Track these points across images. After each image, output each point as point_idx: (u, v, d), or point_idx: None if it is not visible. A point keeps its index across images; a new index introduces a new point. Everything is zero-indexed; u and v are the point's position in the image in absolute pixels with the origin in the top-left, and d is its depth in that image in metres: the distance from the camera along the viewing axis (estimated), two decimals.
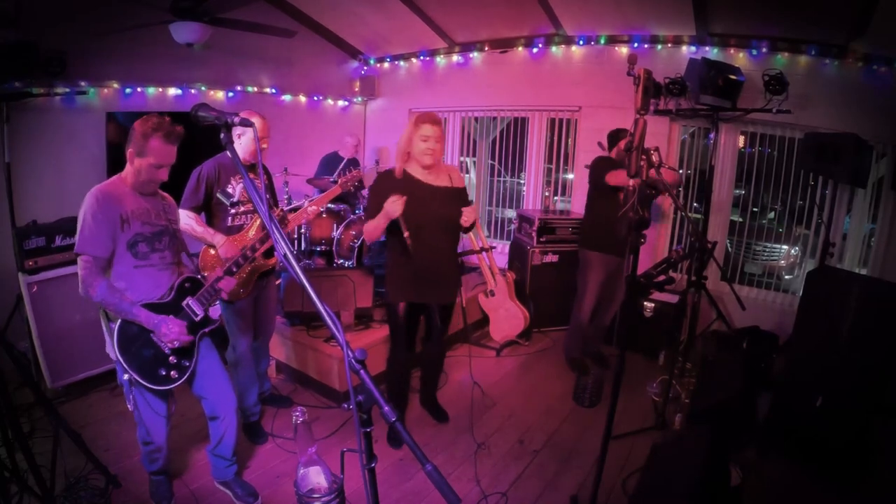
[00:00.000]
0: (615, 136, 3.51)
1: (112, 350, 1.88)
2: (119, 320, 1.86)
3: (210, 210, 2.54)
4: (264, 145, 2.60)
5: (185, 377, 1.99)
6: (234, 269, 2.22)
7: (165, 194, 2.12)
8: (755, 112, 3.87)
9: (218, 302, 2.59)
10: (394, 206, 2.39)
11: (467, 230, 2.69)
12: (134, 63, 3.96)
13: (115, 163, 3.69)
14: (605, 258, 3.45)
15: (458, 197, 2.63)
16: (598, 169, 3.43)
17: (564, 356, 3.78)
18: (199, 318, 2.03)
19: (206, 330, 2.09)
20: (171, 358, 1.94)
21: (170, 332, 1.89)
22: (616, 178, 3.28)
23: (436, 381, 3.11)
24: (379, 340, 3.38)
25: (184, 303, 2.00)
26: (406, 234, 2.43)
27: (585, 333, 3.66)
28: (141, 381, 1.88)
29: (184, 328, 1.94)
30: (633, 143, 1.92)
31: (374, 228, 2.53)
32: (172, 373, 1.94)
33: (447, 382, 3.47)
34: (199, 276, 2.11)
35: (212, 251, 2.47)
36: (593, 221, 3.61)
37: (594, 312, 3.64)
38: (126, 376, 1.89)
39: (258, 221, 2.55)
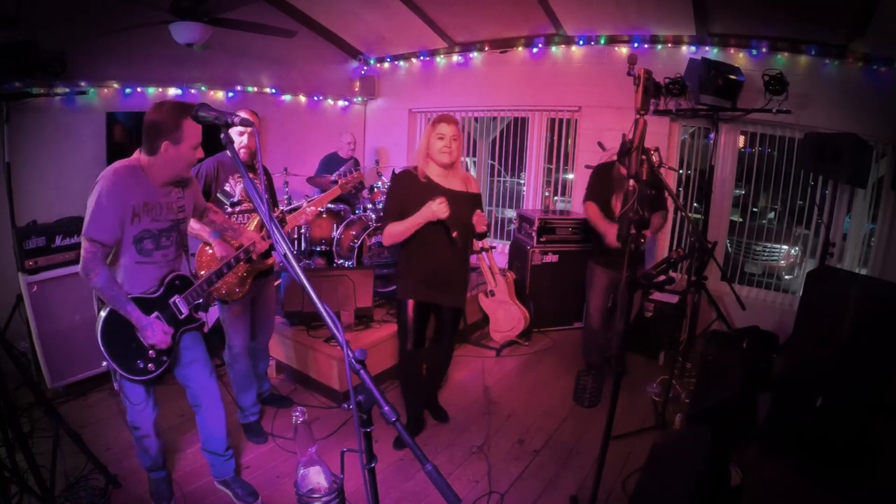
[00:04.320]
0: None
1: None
2: (107, 310, 1.88)
3: None
4: (244, 140, 2.53)
5: (161, 371, 2.01)
6: (226, 271, 2.22)
7: (191, 176, 2.09)
8: (755, 112, 3.87)
9: (216, 301, 2.59)
10: (440, 207, 2.38)
11: (482, 236, 2.69)
12: (134, 63, 3.97)
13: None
14: (608, 273, 3.40)
15: (474, 202, 2.64)
16: (588, 186, 3.44)
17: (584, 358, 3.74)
18: (182, 316, 2.05)
19: (189, 327, 2.10)
20: (150, 352, 1.96)
21: (153, 336, 1.92)
22: (590, 211, 3.34)
23: (439, 382, 3.11)
24: (379, 340, 3.38)
25: (171, 300, 2.01)
26: (454, 233, 2.48)
27: (599, 338, 3.62)
28: (119, 370, 1.91)
29: (167, 334, 1.96)
30: (634, 144, 1.92)
31: (405, 230, 2.48)
32: (150, 366, 1.97)
33: (447, 382, 3.47)
34: (189, 275, 2.11)
35: (209, 250, 2.47)
36: (594, 232, 3.59)
37: (608, 318, 3.59)
38: (104, 364, 1.93)
39: (256, 221, 2.55)
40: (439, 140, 2.51)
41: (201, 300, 2.11)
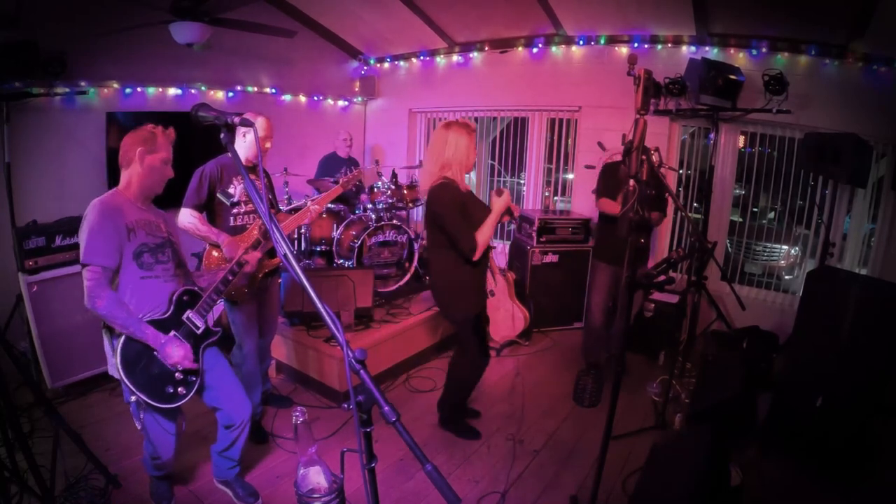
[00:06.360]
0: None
1: (115, 370, 1.84)
2: (121, 340, 1.82)
3: (212, 210, 2.54)
4: (267, 144, 2.61)
5: (193, 392, 1.97)
6: (231, 278, 2.17)
7: (158, 210, 2.10)
8: (755, 112, 3.87)
9: (223, 302, 2.59)
10: (507, 196, 2.51)
11: None
12: (134, 63, 3.97)
13: (115, 163, 3.67)
14: (611, 269, 3.44)
15: None
16: (599, 183, 3.49)
17: (583, 358, 3.75)
18: (200, 330, 2.01)
19: (211, 341, 2.06)
20: (176, 374, 1.91)
21: (174, 354, 1.86)
22: (605, 206, 3.39)
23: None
24: (379, 340, 3.38)
25: (184, 316, 1.97)
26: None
27: (599, 337, 3.62)
28: (149, 401, 1.85)
29: (188, 352, 1.91)
30: (634, 144, 1.92)
31: (491, 234, 2.51)
32: (180, 389, 1.92)
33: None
34: (196, 288, 2.08)
35: (215, 253, 2.47)
36: (598, 231, 3.63)
37: (609, 317, 3.61)
38: (133, 398, 1.85)
39: (261, 221, 2.55)
40: (475, 148, 2.53)
41: (213, 310, 2.08)
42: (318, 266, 4.28)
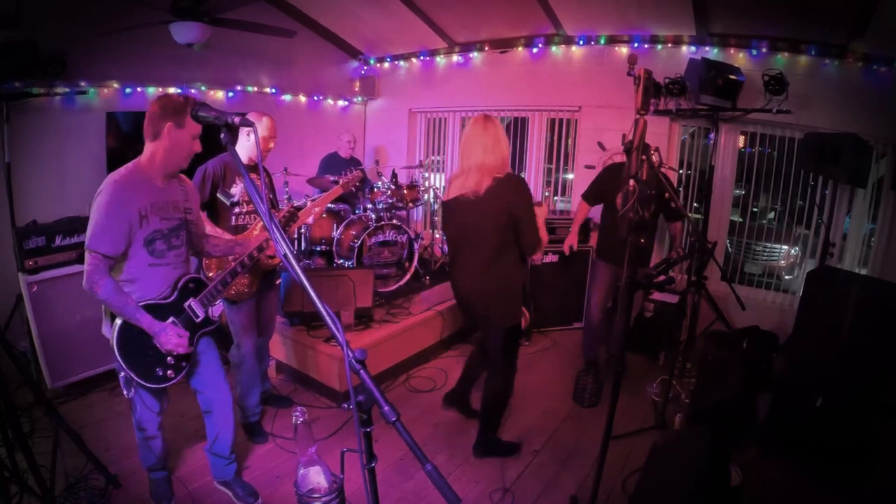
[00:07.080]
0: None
1: (108, 331, 1.87)
2: (120, 319, 1.84)
3: (215, 209, 2.53)
4: (271, 144, 2.62)
5: (181, 376, 1.99)
6: (240, 270, 2.18)
7: (184, 177, 2.05)
8: (755, 112, 3.86)
9: (222, 301, 2.59)
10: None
11: None
12: (134, 63, 3.97)
13: (115, 163, 3.65)
14: (611, 268, 3.45)
15: None
16: (591, 183, 3.53)
17: (582, 356, 3.76)
18: (199, 319, 2.02)
19: (206, 330, 2.08)
20: (168, 358, 1.93)
21: (168, 341, 1.86)
22: (579, 207, 3.58)
23: None
24: (379, 340, 3.38)
25: (186, 304, 1.98)
26: None
27: (598, 335, 3.63)
28: (137, 379, 1.87)
29: (183, 338, 1.91)
30: (634, 144, 1.91)
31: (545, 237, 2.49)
32: (169, 372, 1.94)
33: (447, 382, 3.46)
34: (202, 277, 2.09)
35: None
36: (599, 230, 3.64)
37: (608, 316, 3.60)
38: (122, 374, 1.88)
39: (262, 223, 2.55)
40: None
41: (217, 302, 2.09)
42: (318, 266, 4.28)
